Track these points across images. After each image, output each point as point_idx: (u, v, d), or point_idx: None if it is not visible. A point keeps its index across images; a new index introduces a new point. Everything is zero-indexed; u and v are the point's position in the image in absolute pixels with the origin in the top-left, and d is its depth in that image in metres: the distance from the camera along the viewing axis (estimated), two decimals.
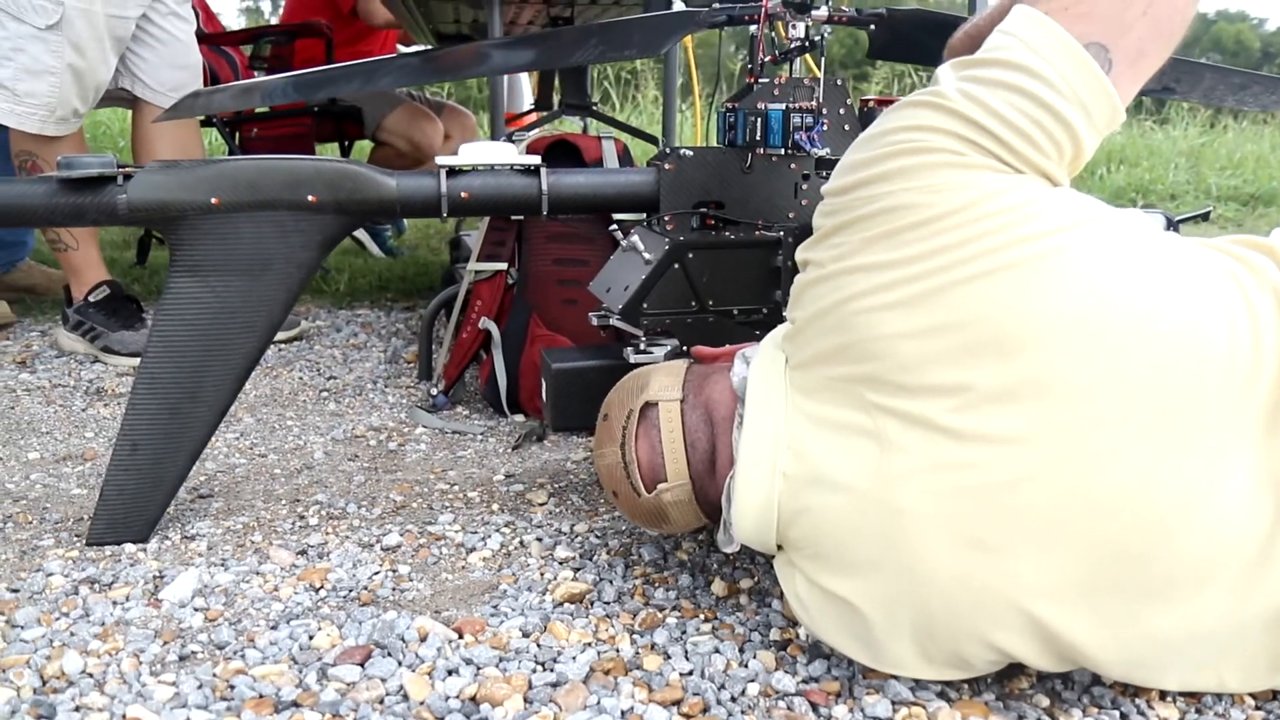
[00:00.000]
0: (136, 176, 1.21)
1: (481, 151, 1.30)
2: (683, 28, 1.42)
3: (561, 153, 1.92)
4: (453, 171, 1.28)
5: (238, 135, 3.08)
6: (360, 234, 3.32)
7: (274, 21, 4.76)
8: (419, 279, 3.00)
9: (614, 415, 1.11)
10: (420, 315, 2.60)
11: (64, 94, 2.03)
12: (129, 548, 1.27)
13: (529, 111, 3.18)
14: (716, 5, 1.40)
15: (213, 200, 1.21)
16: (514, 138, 1.91)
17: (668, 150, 1.35)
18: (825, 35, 1.34)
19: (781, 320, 1.32)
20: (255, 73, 3.08)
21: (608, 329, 1.41)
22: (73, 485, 1.51)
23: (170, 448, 1.28)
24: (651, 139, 2.30)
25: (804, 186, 1.35)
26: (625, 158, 1.94)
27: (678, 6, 1.82)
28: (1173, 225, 1.96)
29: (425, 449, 1.67)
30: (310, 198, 1.23)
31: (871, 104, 1.38)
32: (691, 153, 1.31)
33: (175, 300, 1.25)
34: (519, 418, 1.81)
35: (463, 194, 1.27)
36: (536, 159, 1.31)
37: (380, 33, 3.30)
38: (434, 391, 1.86)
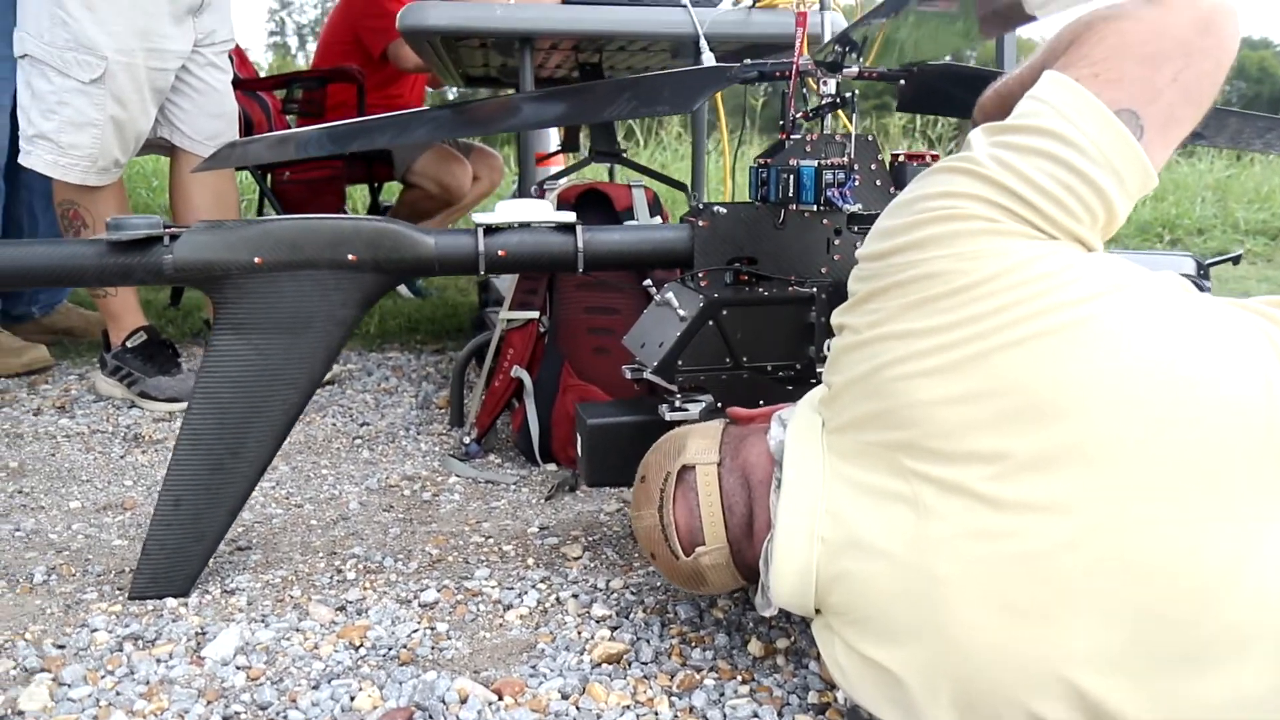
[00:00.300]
0: (182, 237, 1.23)
1: (517, 209, 1.31)
2: (714, 84, 1.44)
3: (592, 202, 1.94)
4: (490, 229, 1.30)
5: (270, 178, 3.13)
6: None
7: (301, 58, 4.82)
8: (448, 320, 3.03)
9: (651, 478, 1.12)
10: (450, 359, 2.63)
11: (105, 145, 2.07)
12: (171, 603, 1.29)
13: (556, 152, 3.21)
14: (748, 61, 1.42)
15: (256, 260, 1.24)
16: (545, 186, 1.93)
17: (701, 206, 1.36)
18: (856, 92, 1.36)
19: (815, 375, 1.34)
20: (287, 117, 3.14)
21: (641, 382, 1.42)
22: (114, 536, 1.53)
23: (212, 503, 1.30)
24: (680, 186, 2.32)
25: (836, 242, 1.36)
26: (655, 206, 1.96)
27: (707, 59, 1.84)
28: (1203, 269, 1.96)
29: (459, 499, 1.68)
30: (350, 256, 1.25)
31: (902, 159, 1.39)
32: (725, 210, 1.32)
33: (218, 357, 1.27)
34: (551, 467, 1.82)
35: (500, 252, 1.29)
36: (572, 216, 1.33)
37: (409, 76, 3.35)
38: (467, 440, 1.87)
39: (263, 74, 3.93)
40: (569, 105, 1.50)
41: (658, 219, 1.94)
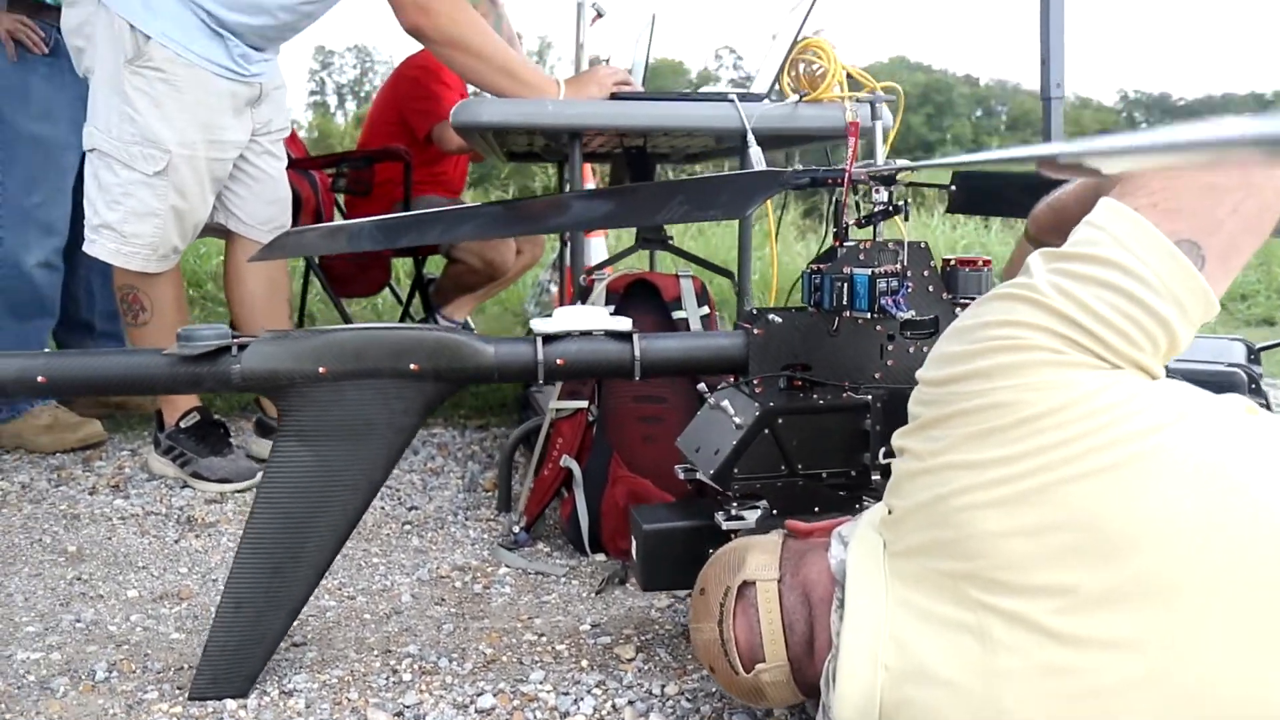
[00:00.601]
0: (249, 348, 1.26)
1: (575, 317, 1.34)
2: (767, 189, 1.46)
3: (641, 291, 1.97)
4: (548, 338, 1.32)
5: (319, 257, 3.20)
6: None
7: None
8: (491, 394, 3.05)
9: (711, 591, 1.12)
10: (495, 436, 2.65)
11: (166, 234, 2.13)
12: (230, 704, 1.30)
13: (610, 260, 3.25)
14: (800, 168, 1.44)
15: (320, 369, 1.27)
16: (595, 277, 1.96)
17: (755, 312, 1.38)
18: (908, 200, 1.38)
19: (870, 482, 1.34)
20: (334, 194, 3.21)
21: (694, 481, 1.43)
22: (171, 629, 1.55)
23: (272, 605, 1.31)
24: (727, 273, 2.35)
25: (889, 347, 1.37)
26: (702, 295, 1.99)
27: (755, 154, 1.87)
28: (1254, 354, 1.95)
29: (510, 592, 1.69)
30: (412, 366, 1.28)
31: (954, 264, 1.40)
32: (780, 319, 1.34)
33: (282, 463, 1.29)
34: (600, 557, 1.83)
35: (558, 360, 1.31)
36: (628, 323, 1.35)
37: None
38: (516, 528, 1.88)
39: (302, 132, 4.03)
40: (620, 207, 1.53)
41: (705, 309, 1.96)
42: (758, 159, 1.90)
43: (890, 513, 1.01)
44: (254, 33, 2.13)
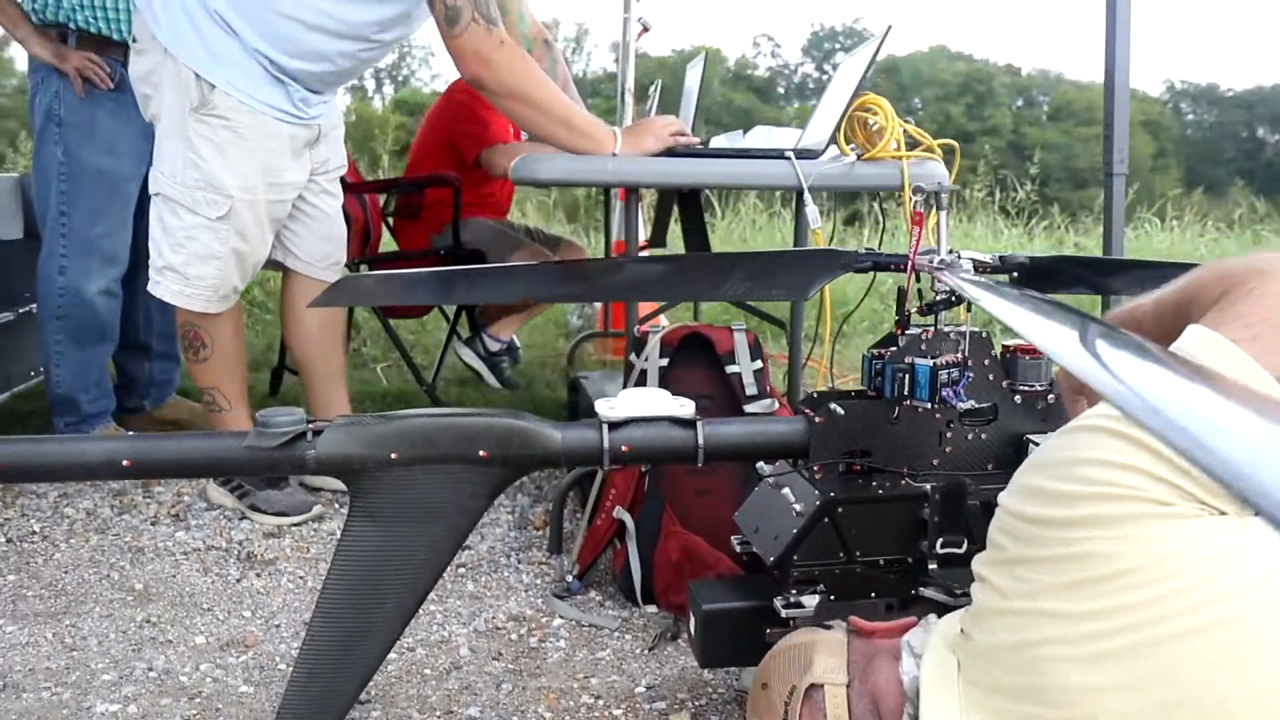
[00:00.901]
0: (324, 434, 1.30)
1: (639, 402, 1.37)
2: (829, 271, 1.48)
3: (695, 344, 2.00)
4: (614, 425, 1.35)
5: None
6: (477, 364, 3.44)
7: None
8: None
9: (775, 688, 1.15)
10: (544, 474, 2.69)
11: (227, 275, 2.18)
12: None
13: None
14: (863, 250, 1.46)
15: (392, 455, 1.30)
16: (649, 329, 1.99)
17: (816, 396, 1.41)
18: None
19: (926, 571, 1.36)
20: (385, 217, 3.26)
21: (750, 554, 1.46)
22: (239, 680, 1.61)
23: (342, 677, 1.36)
24: (779, 323, 2.37)
25: (948, 434, 1.39)
26: (755, 348, 2.01)
27: (811, 212, 1.89)
28: None
29: (565, 647, 1.73)
30: (481, 453, 1.31)
31: (1013, 351, 1.42)
32: (842, 408, 1.36)
33: (353, 543, 1.33)
34: (652, 609, 1.86)
35: (623, 447, 1.34)
36: (690, 408, 1.38)
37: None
38: (569, 577, 1.92)
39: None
40: (679, 278, 1.56)
41: (758, 363, 1.98)
42: (814, 217, 1.92)
43: (967, 636, 1.00)
44: (314, 79, 2.17)
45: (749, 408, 1.96)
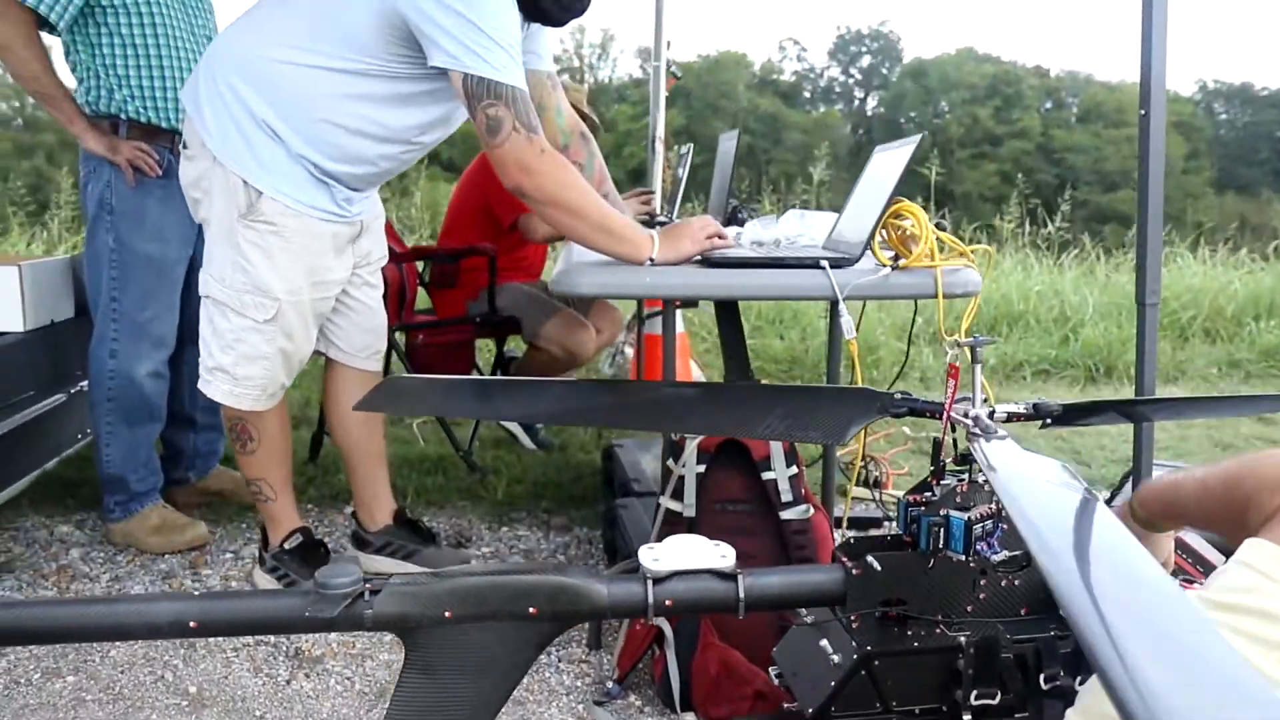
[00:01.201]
0: (381, 594, 1.35)
1: (681, 554, 1.41)
2: (866, 415, 1.52)
3: (731, 450, 2.03)
4: (658, 580, 1.39)
5: (405, 338, 3.31)
6: (512, 425, 3.49)
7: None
8: (573, 485, 3.14)
9: None
10: (578, 539, 2.74)
11: (274, 374, 2.24)
12: None
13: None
14: (901, 395, 1.50)
15: (446, 613, 1.35)
16: (686, 434, 2.03)
17: (852, 543, 1.44)
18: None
19: (959, 718, 1.39)
20: (420, 285, 3.32)
21: (787, 687, 1.50)
22: None
23: None
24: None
25: (982, 583, 1.42)
26: (791, 454, 2.04)
27: (846, 324, 1.92)
28: None
29: None
30: (531, 610, 1.36)
31: None
32: (880, 565, 1.40)
33: (408, 695, 1.38)
34: (690, 717, 1.90)
35: (667, 601, 1.38)
36: (731, 557, 1.41)
37: None
38: (609, 683, 1.97)
39: None
40: (718, 410, 1.60)
41: (793, 469, 2.02)
42: (849, 328, 1.96)
43: None
44: (357, 179, 2.22)
45: (785, 514, 2.00)
